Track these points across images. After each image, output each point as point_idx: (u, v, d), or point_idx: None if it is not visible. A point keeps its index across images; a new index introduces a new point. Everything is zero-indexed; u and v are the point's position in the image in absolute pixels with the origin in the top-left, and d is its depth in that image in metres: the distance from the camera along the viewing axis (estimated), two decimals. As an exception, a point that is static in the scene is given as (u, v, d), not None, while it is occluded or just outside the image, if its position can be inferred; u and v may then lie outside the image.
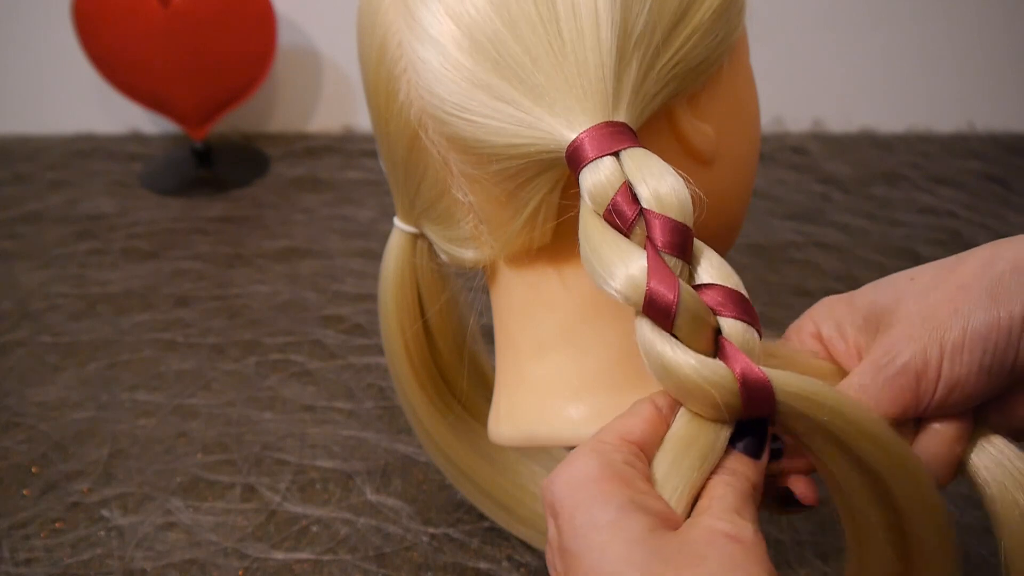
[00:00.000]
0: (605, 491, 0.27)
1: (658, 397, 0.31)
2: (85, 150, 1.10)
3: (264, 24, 0.98)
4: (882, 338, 0.32)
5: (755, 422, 0.30)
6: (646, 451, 0.30)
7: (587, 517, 0.27)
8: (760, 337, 0.30)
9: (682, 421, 0.30)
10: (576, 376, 0.38)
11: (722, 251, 0.42)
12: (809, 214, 0.95)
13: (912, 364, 0.31)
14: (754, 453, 0.30)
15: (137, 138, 1.13)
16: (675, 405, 0.31)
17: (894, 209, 0.96)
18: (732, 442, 0.30)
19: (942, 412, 0.32)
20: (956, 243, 0.89)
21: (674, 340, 0.29)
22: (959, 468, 0.34)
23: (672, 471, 0.29)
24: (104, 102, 1.12)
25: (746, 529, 0.27)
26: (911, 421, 0.33)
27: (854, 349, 0.34)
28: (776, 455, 0.33)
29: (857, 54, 1.11)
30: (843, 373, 0.34)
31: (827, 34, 1.09)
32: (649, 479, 0.29)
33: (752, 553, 0.27)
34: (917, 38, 1.10)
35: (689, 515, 0.29)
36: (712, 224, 0.32)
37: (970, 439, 0.33)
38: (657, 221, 0.29)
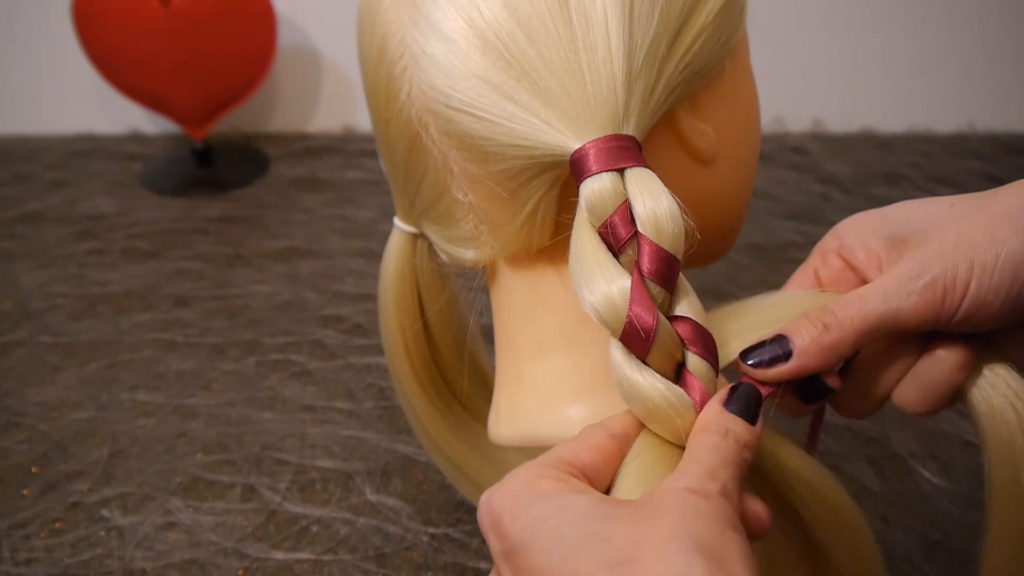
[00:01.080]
0: (544, 490, 0.27)
1: (612, 422, 0.31)
2: (85, 150, 1.10)
3: (264, 24, 0.98)
4: (913, 253, 0.32)
5: (750, 389, 0.30)
6: (592, 479, 0.30)
7: (529, 513, 0.27)
8: (717, 375, 0.31)
9: (643, 445, 0.30)
10: (576, 376, 0.38)
11: (723, 251, 0.42)
12: (809, 214, 0.95)
13: (940, 279, 0.31)
14: (749, 416, 0.30)
15: (137, 138, 1.13)
16: (630, 431, 0.31)
17: (894, 209, 0.96)
18: (727, 405, 0.30)
19: (961, 329, 0.32)
20: (956, 243, 0.89)
21: (644, 366, 0.30)
22: (955, 397, 0.34)
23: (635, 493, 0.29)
24: (104, 102, 1.12)
25: (712, 485, 0.27)
26: (916, 340, 0.33)
27: (876, 259, 0.34)
28: (824, 393, 0.33)
29: (857, 54, 1.11)
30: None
31: (827, 34, 1.09)
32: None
33: (718, 507, 0.26)
34: (917, 38, 1.10)
35: None
36: (712, 224, 0.32)
37: (974, 367, 0.33)
38: (648, 248, 0.30)
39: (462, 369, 0.50)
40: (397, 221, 0.45)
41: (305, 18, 1.09)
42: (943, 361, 0.33)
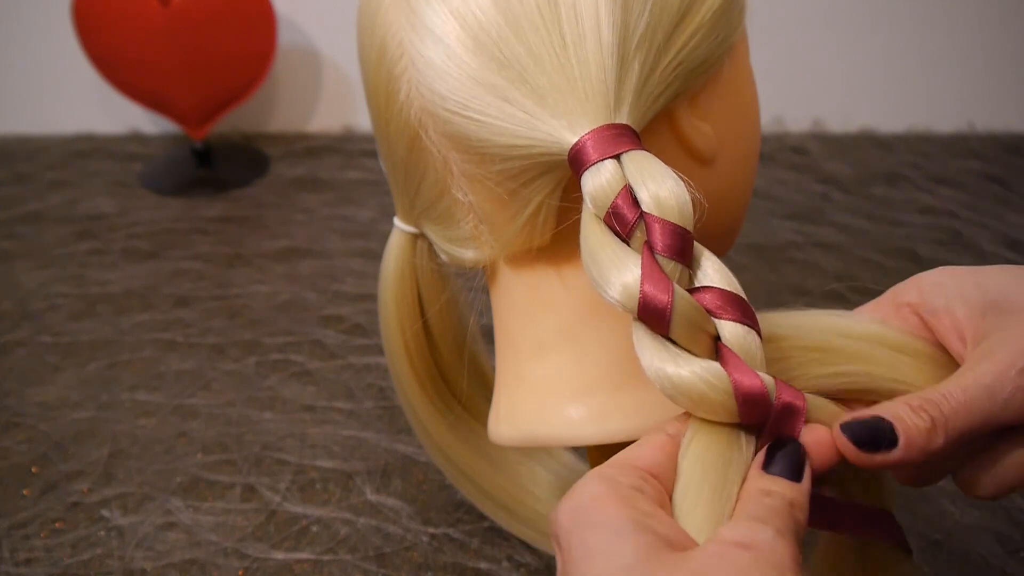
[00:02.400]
0: (603, 514, 0.26)
1: (669, 425, 0.30)
2: (85, 150, 1.10)
3: (264, 24, 0.98)
4: (1016, 337, 0.29)
5: (794, 451, 0.29)
6: (659, 477, 0.28)
7: (582, 545, 0.26)
8: (760, 339, 0.29)
9: (692, 432, 0.29)
10: (576, 376, 0.38)
11: (722, 251, 0.42)
12: (809, 214, 0.95)
13: None
14: (792, 475, 0.28)
15: (137, 138, 1.13)
16: (686, 428, 0.30)
17: (894, 209, 0.96)
18: (768, 468, 0.28)
19: None
20: (956, 243, 0.89)
21: (672, 345, 0.29)
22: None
23: (696, 499, 0.28)
24: (104, 102, 1.12)
25: (762, 533, 0.25)
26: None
27: (966, 329, 0.31)
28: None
29: (857, 54, 1.11)
30: (944, 358, 0.32)
31: (827, 34, 1.09)
32: (661, 503, 0.28)
33: (765, 559, 0.24)
34: (917, 38, 1.10)
35: None
36: (712, 224, 0.32)
37: None
38: (656, 225, 0.29)
39: (462, 369, 0.50)
40: (397, 221, 0.45)
41: (305, 18, 1.09)
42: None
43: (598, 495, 0.27)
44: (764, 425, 0.29)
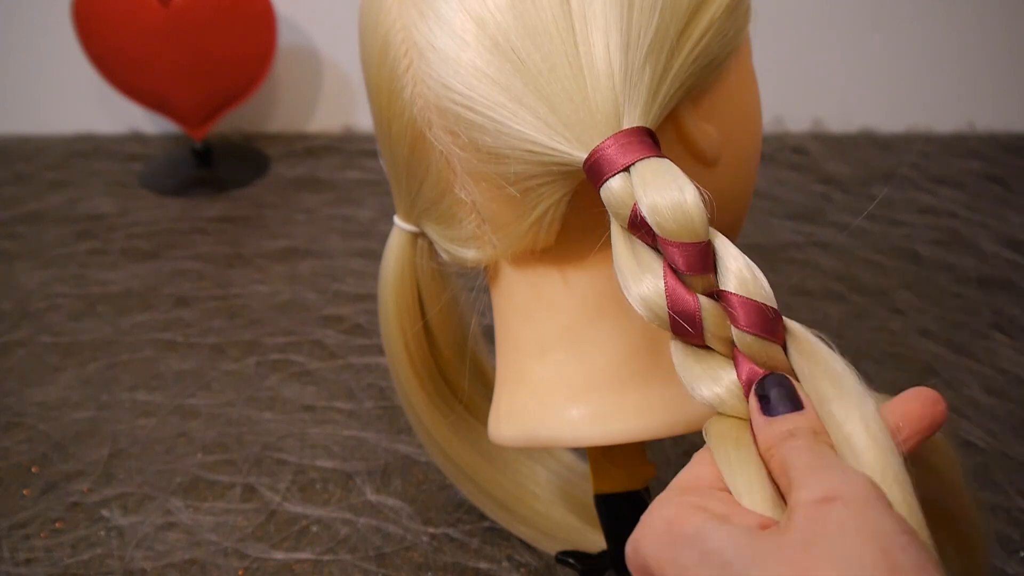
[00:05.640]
0: (684, 527, 0.26)
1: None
2: (85, 150, 1.10)
3: (264, 24, 0.98)
4: None
5: (777, 380, 0.29)
6: (724, 489, 0.28)
7: (674, 563, 0.25)
8: (782, 347, 0.29)
9: (710, 420, 0.30)
10: (578, 376, 0.38)
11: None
12: (809, 214, 0.95)
13: None
14: (793, 405, 0.28)
15: (137, 138, 1.13)
16: None
17: (894, 209, 0.96)
18: (768, 410, 0.28)
19: None
20: (956, 243, 0.89)
21: (701, 351, 0.29)
22: None
23: (738, 471, 0.28)
24: (104, 102, 1.12)
25: (836, 479, 0.25)
26: None
27: None
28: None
29: (857, 54, 1.11)
30: None
31: (827, 34, 1.09)
32: (732, 504, 0.27)
33: (857, 500, 0.24)
34: (917, 38, 1.10)
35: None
36: (714, 225, 0.32)
37: None
38: (667, 243, 0.29)
39: (463, 369, 0.50)
40: (397, 220, 0.45)
41: (305, 18, 1.09)
42: None
43: (670, 517, 0.27)
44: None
